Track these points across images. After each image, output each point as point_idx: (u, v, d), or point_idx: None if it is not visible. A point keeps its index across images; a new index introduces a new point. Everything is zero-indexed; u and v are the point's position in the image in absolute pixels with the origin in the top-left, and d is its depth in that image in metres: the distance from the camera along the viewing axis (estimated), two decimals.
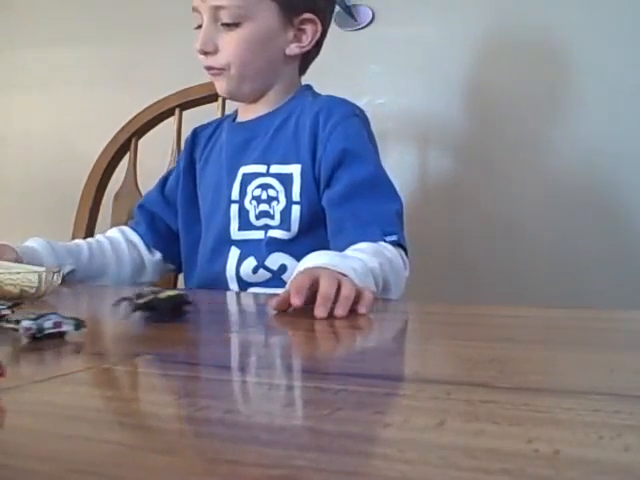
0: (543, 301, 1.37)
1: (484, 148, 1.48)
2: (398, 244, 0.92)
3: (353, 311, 0.67)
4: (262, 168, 1.03)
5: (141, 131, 1.42)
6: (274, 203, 1.00)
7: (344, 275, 0.72)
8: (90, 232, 1.40)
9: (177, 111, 1.39)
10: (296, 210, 1.00)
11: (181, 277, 1.26)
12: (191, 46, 1.03)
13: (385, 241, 0.90)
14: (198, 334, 0.65)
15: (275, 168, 1.02)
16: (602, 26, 1.38)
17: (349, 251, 0.86)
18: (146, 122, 1.41)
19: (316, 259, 0.77)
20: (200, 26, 1.03)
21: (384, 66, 1.51)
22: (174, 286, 1.30)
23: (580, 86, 1.41)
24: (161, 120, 1.42)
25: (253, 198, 1.02)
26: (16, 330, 0.52)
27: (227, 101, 1.37)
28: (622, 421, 0.32)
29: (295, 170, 1.00)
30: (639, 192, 1.37)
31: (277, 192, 1.01)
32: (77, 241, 1.12)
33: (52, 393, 0.38)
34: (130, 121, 1.42)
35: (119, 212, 1.41)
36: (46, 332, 0.52)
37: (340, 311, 0.66)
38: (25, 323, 0.52)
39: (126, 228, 1.18)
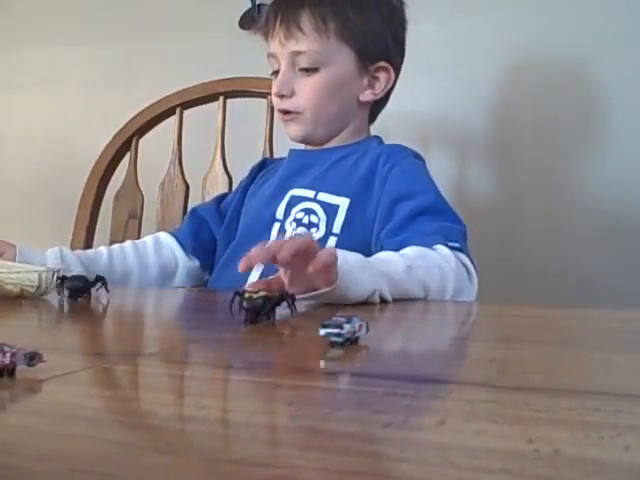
0: (543, 301, 1.36)
1: (485, 148, 1.48)
2: (460, 251, 0.88)
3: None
4: (310, 193, 1.03)
5: (142, 130, 1.42)
6: (313, 230, 1.00)
7: None
8: (90, 232, 1.40)
9: (178, 111, 1.39)
10: (332, 242, 0.98)
11: None
12: (191, 46, 1.04)
13: (447, 246, 0.87)
14: (195, 333, 0.65)
15: (323, 196, 1.02)
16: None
17: (381, 254, 0.83)
18: (147, 122, 1.41)
19: None
20: (275, 72, 1.05)
21: None
22: None
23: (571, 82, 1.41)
24: (162, 120, 1.42)
25: (294, 220, 1.02)
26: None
27: (228, 101, 1.37)
28: (622, 421, 0.32)
29: (343, 203, 1.00)
30: None
31: (319, 220, 1.00)
32: (100, 248, 1.12)
33: (52, 393, 0.38)
34: (131, 120, 1.42)
35: (120, 212, 1.41)
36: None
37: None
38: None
39: (161, 233, 1.18)
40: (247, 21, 1.57)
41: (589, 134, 1.41)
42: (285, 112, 1.05)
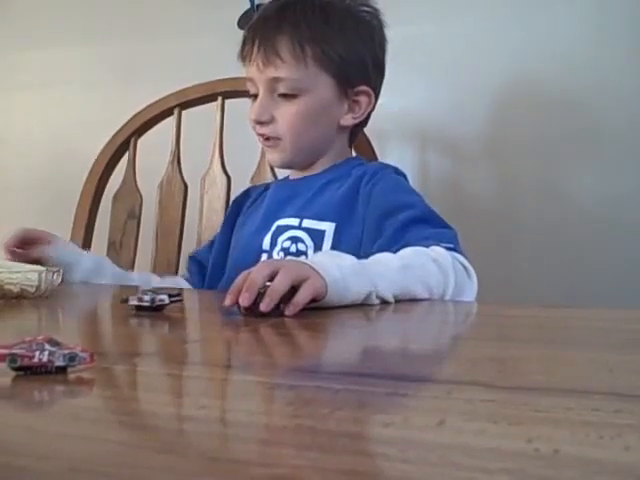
0: (543, 301, 1.36)
1: (484, 148, 1.48)
2: (454, 251, 0.88)
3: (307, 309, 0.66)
4: (295, 221, 1.03)
5: (141, 130, 1.42)
6: (302, 258, 0.98)
7: (313, 270, 0.69)
8: (90, 232, 1.40)
9: (176, 111, 1.39)
10: None
11: None
12: (190, 46, 1.03)
13: (441, 246, 0.86)
14: (196, 333, 0.65)
15: (307, 223, 1.02)
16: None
17: (377, 255, 0.83)
18: (146, 121, 1.41)
19: (313, 258, 0.78)
20: (253, 95, 1.04)
21: None
22: None
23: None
24: (160, 119, 1.42)
25: (282, 249, 1.02)
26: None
27: (227, 101, 1.37)
28: (622, 421, 0.32)
29: (329, 228, 1.00)
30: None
31: (307, 247, 1.00)
32: (132, 273, 1.15)
33: (52, 392, 0.38)
34: (129, 120, 1.42)
35: (118, 211, 1.41)
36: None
37: (263, 307, 0.64)
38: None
39: (180, 278, 1.18)
40: (246, 21, 1.57)
41: (588, 135, 1.41)
42: (265, 138, 1.04)
